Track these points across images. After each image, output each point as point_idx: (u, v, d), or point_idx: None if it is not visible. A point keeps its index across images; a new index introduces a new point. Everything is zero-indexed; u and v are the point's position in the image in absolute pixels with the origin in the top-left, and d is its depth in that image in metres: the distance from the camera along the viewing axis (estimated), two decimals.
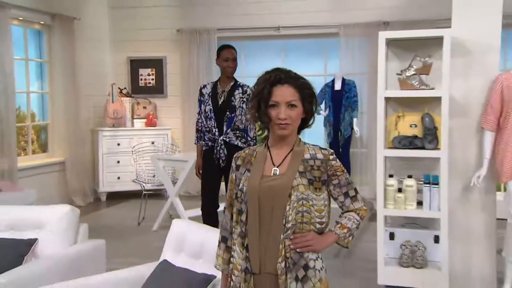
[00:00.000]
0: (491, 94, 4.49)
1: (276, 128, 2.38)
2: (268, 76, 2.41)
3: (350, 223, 2.52)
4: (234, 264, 2.42)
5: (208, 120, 5.57)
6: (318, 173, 2.43)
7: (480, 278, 4.81)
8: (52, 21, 8.85)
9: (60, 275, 3.58)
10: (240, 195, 2.43)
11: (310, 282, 2.38)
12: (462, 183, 4.76)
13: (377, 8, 8.94)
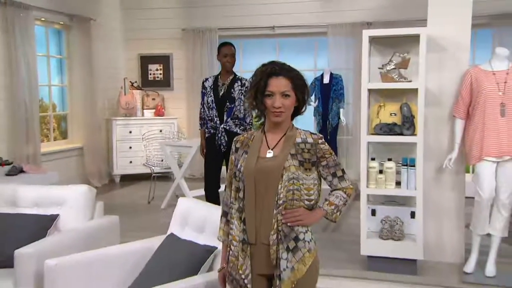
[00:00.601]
0: (462, 86, 4.52)
1: (271, 115, 2.41)
2: (265, 68, 2.43)
3: (338, 200, 2.53)
4: (232, 235, 2.45)
5: (210, 110, 5.60)
6: (308, 155, 2.45)
7: (450, 248, 4.87)
8: (70, 22, 8.83)
9: (79, 246, 3.59)
10: (238, 174, 2.45)
11: (300, 252, 2.40)
12: (435, 165, 4.80)
13: (361, 9, 8.93)
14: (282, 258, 2.37)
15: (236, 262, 2.40)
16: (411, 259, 4.60)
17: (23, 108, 7.63)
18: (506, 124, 4.28)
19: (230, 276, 2.45)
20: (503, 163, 4.34)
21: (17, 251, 3.43)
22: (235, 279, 2.42)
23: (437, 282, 4.50)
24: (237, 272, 2.40)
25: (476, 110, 4.40)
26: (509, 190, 4.36)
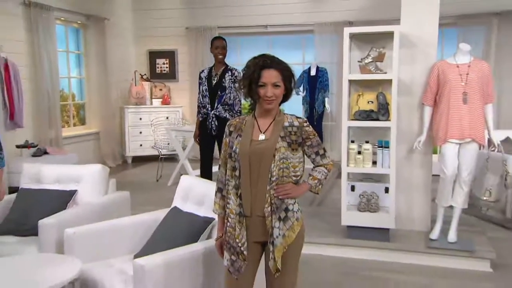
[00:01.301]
0: (430, 77, 4.52)
1: (264, 103, 2.42)
2: (257, 61, 2.43)
3: (320, 175, 2.57)
4: (230, 209, 2.45)
5: (203, 98, 5.60)
6: (295, 137, 2.46)
7: (418, 219, 4.91)
8: (87, 21, 8.80)
9: (94, 218, 3.62)
10: (233, 155, 2.45)
11: (290, 221, 2.44)
12: (406, 147, 4.80)
13: (344, 10, 8.90)
14: (275, 227, 2.40)
15: (233, 232, 2.41)
16: (384, 228, 4.61)
17: (46, 97, 7.65)
18: (468, 110, 4.30)
19: (228, 244, 2.45)
20: (464, 144, 4.36)
21: (41, 222, 3.46)
22: (232, 247, 2.42)
23: (407, 247, 4.54)
24: (234, 240, 2.40)
25: (442, 98, 4.41)
26: (469, 168, 4.39)
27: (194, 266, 2.81)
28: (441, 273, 4.29)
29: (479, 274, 4.28)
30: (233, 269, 2.43)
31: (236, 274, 2.44)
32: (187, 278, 2.79)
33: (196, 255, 2.82)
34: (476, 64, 4.38)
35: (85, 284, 3.01)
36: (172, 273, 2.73)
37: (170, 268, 2.73)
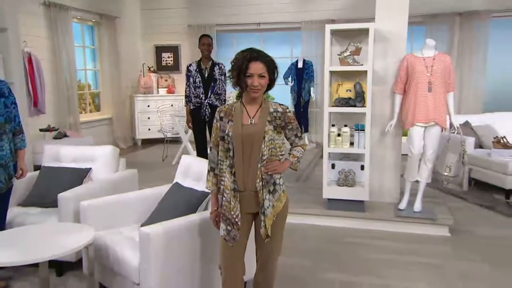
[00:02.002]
0: (400, 68, 4.50)
1: (251, 92, 2.41)
2: (245, 54, 2.42)
3: (298, 153, 2.61)
4: (225, 185, 2.44)
5: (197, 89, 5.56)
6: (279, 121, 2.49)
7: (388, 192, 4.94)
8: (100, 19, 8.70)
9: (106, 192, 3.61)
10: (226, 138, 2.43)
11: (277, 193, 2.48)
12: (379, 130, 4.80)
13: (327, 10, 8.84)
14: (266, 199, 2.44)
15: (229, 205, 2.41)
16: (360, 200, 4.65)
17: (65, 87, 7.63)
18: (432, 98, 4.30)
19: (224, 217, 2.45)
20: (429, 127, 4.37)
21: (60, 195, 3.47)
22: (228, 219, 2.42)
23: (379, 216, 4.57)
24: (230, 213, 2.41)
25: (410, 87, 4.40)
26: (433, 148, 4.41)
27: (192, 234, 2.82)
28: (408, 238, 4.33)
29: (439, 238, 4.35)
30: (229, 237, 2.44)
31: (231, 242, 2.45)
32: (186, 243, 2.80)
33: (194, 224, 2.83)
34: (440, 57, 4.38)
35: (98, 249, 3.03)
36: (173, 239, 2.74)
37: (171, 235, 2.74)
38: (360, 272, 3.62)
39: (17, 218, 3.54)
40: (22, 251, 2.56)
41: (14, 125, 3.32)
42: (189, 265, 2.82)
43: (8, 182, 3.25)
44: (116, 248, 2.91)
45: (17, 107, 3.38)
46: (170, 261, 2.73)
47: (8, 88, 3.31)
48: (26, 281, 3.50)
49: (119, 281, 2.95)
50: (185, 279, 2.83)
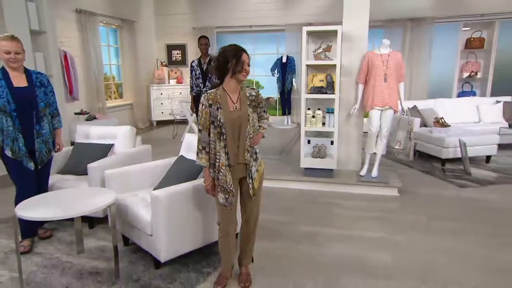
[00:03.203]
0: (362, 63, 4.46)
1: (241, 75, 2.37)
2: (238, 47, 2.39)
3: (265, 125, 2.59)
4: (221, 163, 2.39)
5: (197, 79, 5.51)
6: (254, 103, 2.48)
7: (352, 162, 4.94)
8: (122, 23, 8.54)
9: (126, 163, 3.59)
10: (217, 123, 2.36)
11: (258, 160, 2.52)
12: (346, 112, 4.77)
13: (306, 15, 8.74)
14: (253, 166, 2.47)
15: (225, 178, 2.39)
16: (329, 168, 4.66)
17: (94, 79, 7.52)
18: (387, 87, 4.28)
19: (222, 188, 2.42)
20: (384, 110, 4.35)
21: (89, 165, 3.46)
22: (225, 188, 2.41)
23: (344, 181, 4.59)
24: (226, 184, 2.40)
25: (370, 78, 4.37)
26: (387, 127, 4.40)
27: (192, 196, 2.81)
28: (366, 197, 4.37)
29: (390, 197, 4.39)
30: (228, 203, 2.44)
31: (230, 207, 2.46)
32: (187, 203, 2.80)
33: (194, 189, 2.82)
34: (394, 54, 4.34)
35: (119, 208, 3.03)
36: (177, 200, 2.74)
37: (176, 197, 2.73)
38: (328, 225, 3.65)
39: (57, 183, 3.54)
40: (61, 209, 2.55)
41: (52, 109, 3.26)
42: (190, 220, 2.83)
43: (48, 154, 3.23)
44: (133, 207, 2.91)
45: (55, 95, 3.33)
46: (175, 217, 2.73)
47: (47, 80, 3.25)
48: (66, 231, 3.53)
49: (136, 232, 2.96)
50: (187, 231, 2.84)
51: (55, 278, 2.79)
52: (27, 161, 3.09)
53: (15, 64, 2.98)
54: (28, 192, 3.02)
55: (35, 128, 3.11)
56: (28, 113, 3.05)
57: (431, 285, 2.66)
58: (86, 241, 3.31)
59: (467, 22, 7.95)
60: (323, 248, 3.18)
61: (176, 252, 2.81)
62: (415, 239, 3.36)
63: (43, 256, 3.10)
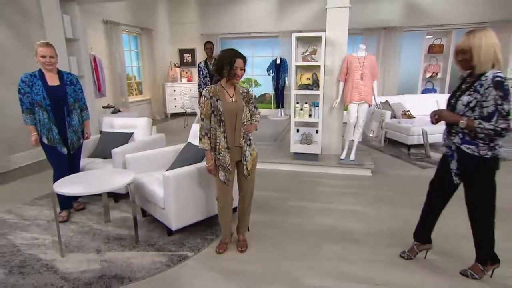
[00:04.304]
0: (343, 64, 4.38)
1: (234, 79, 2.34)
2: (232, 52, 2.32)
3: (258, 118, 2.53)
4: (221, 146, 2.37)
5: (205, 78, 5.36)
6: (246, 98, 2.44)
7: (334, 147, 4.88)
8: (141, 31, 8.37)
9: (143, 148, 3.56)
10: (217, 112, 2.33)
11: (252, 145, 2.48)
12: (328, 106, 4.70)
13: (296, 23, 8.53)
14: (246, 150, 2.44)
15: (225, 159, 2.39)
16: (315, 153, 4.61)
17: (118, 78, 7.40)
18: (363, 84, 4.21)
19: (222, 167, 2.41)
20: (361, 104, 4.29)
21: (113, 150, 3.42)
22: (225, 167, 2.40)
23: (327, 164, 4.55)
24: (226, 163, 2.39)
25: (348, 77, 4.30)
26: (363, 118, 4.35)
27: (197, 176, 2.78)
28: (345, 177, 4.34)
29: (365, 177, 4.35)
30: (226, 180, 2.44)
31: (228, 183, 2.45)
32: (193, 182, 2.77)
33: (199, 170, 2.79)
34: (369, 57, 4.25)
35: (137, 185, 3.01)
36: (184, 179, 2.71)
37: (183, 177, 2.71)
38: (313, 200, 3.63)
39: (87, 165, 3.51)
40: (90, 186, 2.55)
41: (81, 104, 3.22)
42: (195, 196, 2.80)
43: (78, 142, 3.21)
44: (149, 185, 2.88)
45: (83, 92, 3.27)
46: (182, 193, 2.72)
47: (76, 79, 3.19)
48: (95, 205, 3.51)
49: (151, 206, 2.94)
50: (193, 205, 2.82)
51: (87, 242, 2.80)
52: (60, 147, 3.07)
53: (50, 67, 2.96)
54: (63, 173, 3.03)
55: (66, 120, 3.08)
56: (60, 107, 3.03)
57: (395, 247, 2.66)
58: (112, 213, 3.31)
59: (430, 31, 7.92)
60: (308, 219, 3.17)
61: (185, 222, 2.80)
62: (383, 210, 3.35)
63: (77, 224, 3.11)
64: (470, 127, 1.98)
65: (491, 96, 1.90)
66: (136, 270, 2.44)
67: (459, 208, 2.33)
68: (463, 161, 2.10)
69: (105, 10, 7.03)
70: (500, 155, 2.01)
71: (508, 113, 1.88)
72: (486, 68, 1.96)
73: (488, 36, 1.93)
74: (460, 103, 2.04)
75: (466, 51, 1.98)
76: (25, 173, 4.59)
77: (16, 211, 3.42)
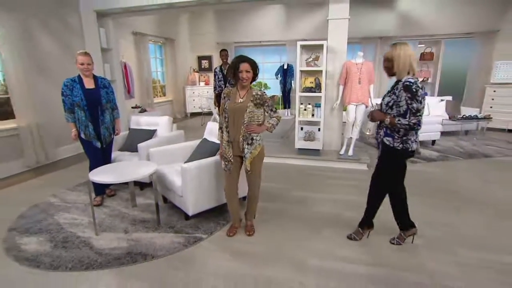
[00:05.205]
0: (342, 69, 4.30)
1: (242, 81, 2.33)
2: (238, 59, 2.32)
3: (273, 121, 2.47)
4: (224, 138, 2.41)
5: (220, 82, 5.35)
6: (259, 101, 2.38)
7: (334, 144, 4.81)
8: (165, 41, 8.38)
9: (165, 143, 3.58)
10: (226, 110, 2.37)
11: (254, 145, 2.41)
12: (329, 106, 4.63)
13: (301, 33, 8.39)
14: (245, 148, 2.39)
15: (226, 150, 2.40)
16: (317, 149, 4.56)
17: (145, 82, 7.44)
18: (360, 88, 4.14)
19: (223, 157, 2.43)
20: (359, 105, 4.22)
21: (139, 145, 3.45)
22: (226, 158, 2.41)
23: (328, 158, 4.48)
24: (227, 154, 2.40)
25: (348, 81, 4.22)
26: (360, 118, 4.28)
27: (211, 168, 2.79)
28: (343, 170, 4.28)
29: (361, 170, 4.28)
30: (227, 168, 2.45)
31: (228, 172, 2.46)
32: (208, 173, 2.78)
33: (213, 163, 2.79)
34: (366, 63, 4.17)
35: (159, 175, 3.03)
36: (201, 171, 2.72)
37: (199, 169, 2.71)
38: (314, 190, 3.60)
39: (117, 157, 3.55)
40: (120, 175, 2.58)
41: (112, 105, 3.27)
42: (209, 185, 2.81)
43: (109, 137, 3.26)
44: (169, 175, 2.90)
45: (114, 94, 3.31)
46: (198, 183, 2.72)
47: (109, 83, 3.25)
48: (124, 192, 3.56)
49: (171, 193, 2.97)
50: (207, 193, 2.82)
51: (117, 223, 2.85)
52: (95, 141, 3.13)
53: (87, 72, 3.03)
54: (97, 164, 3.10)
55: (100, 118, 3.14)
56: (95, 107, 3.09)
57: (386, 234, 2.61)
58: (138, 199, 3.35)
59: (421, 40, 7.74)
60: (310, 208, 3.14)
61: (200, 208, 2.81)
62: None
63: (109, 208, 3.17)
64: (392, 124, 2.16)
65: (403, 97, 2.10)
66: (157, 249, 2.47)
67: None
68: (383, 149, 2.29)
69: (134, 23, 7.09)
70: (411, 147, 2.19)
71: (417, 110, 2.06)
72: (404, 74, 2.14)
73: (406, 49, 2.12)
74: (383, 103, 2.24)
75: (390, 59, 2.16)
76: (67, 163, 4.71)
77: (60, 195, 3.52)
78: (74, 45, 5.13)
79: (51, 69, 4.82)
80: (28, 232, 2.74)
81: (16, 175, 4.19)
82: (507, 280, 2.11)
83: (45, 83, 4.72)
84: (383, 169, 2.35)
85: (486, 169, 4.16)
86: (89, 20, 5.06)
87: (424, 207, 3.13)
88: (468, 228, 2.73)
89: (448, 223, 2.80)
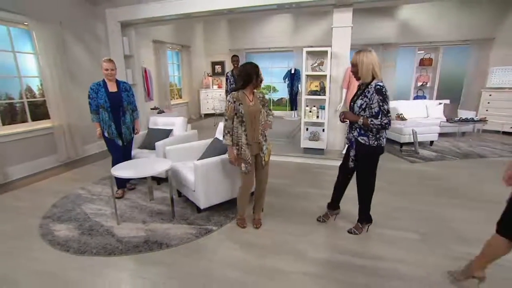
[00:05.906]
0: (345, 74, 4.25)
1: (259, 85, 2.35)
2: (255, 65, 2.32)
3: (272, 119, 2.48)
4: (242, 142, 2.36)
5: (231, 85, 5.27)
6: (262, 102, 2.40)
7: (337, 144, 4.74)
8: (182, 48, 8.41)
9: (180, 142, 3.60)
10: (239, 114, 2.32)
11: (267, 140, 2.44)
12: (333, 109, 4.56)
13: (307, 40, 8.28)
14: (264, 144, 2.41)
15: (245, 153, 2.37)
16: (321, 148, 4.50)
17: (163, 85, 7.47)
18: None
19: (243, 160, 2.39)
20: None
21: (156, 143, 3.45)
22: (245, 160, 2.39)
23: (331, 157, 4.43)
24: (246, 157, 2.37)
25: (350, 85, 4.19)
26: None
27: (221, 165, 2.78)
28: None
29: None
30: (247, 170, 2.42)
31: (248, 173, 2.43)
32: (218, 170, 2.77)
33: (223, 161, 2.78)
34: None
35: (174, 171, 3.04)
36: (212, 168, 2.72)
37: (211, 166, 2.71)
38: (318, 187, 3.56)
39: (137, 154, 3.57)
40: (139, 171, 2.60)
41: (132, 106, 3.30)
42: (219, 181, 2.80)
43: (130, 136, 3.29)
44: (183, 172, 2.91)
45: (134, 97, 3.35)
46: (209, 179, 2.72)
47: (130, 86, 3.28)
48: (143, 186, 3.58)
49: (185, 188, 2.97)
50: (218, 189, 2.82)
51: (136, 215, 2.88)
52: (117, 139, 3.17)
53: (111, 77, 3.08)
54: (119, 160, 3.14)
55: (121, 119, 3.17)
56: (117, 109, 3.12)
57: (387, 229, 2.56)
58: (155, 193, 3.37)
59: (421, 47, 7.58)
60: (312, 203, 3.11)
61: (211, 202, 2.81)
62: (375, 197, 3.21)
63: (129, 201, 3.20)
64: (365, 124, 2.21)
65: (375, 99, 2.15)
66: (172, 239, 2.49)
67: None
68: (359, 149, 2.33)
69: (154, 32, 7.15)
70: (383, 143, 2.29)
71: (388, 111, 2.13)
72: (368, 79, 2.20)
73: (369, 56, 2.18)
74: (355, 106, 2.27)
75: (354, 65, 2.23)
76: (93, 159, 4.80)
77: (87, 188, 3.59)
78: (101, 53, 5.25)
79: (80, 74, 4.96)
80: (60, 220, 2.82)
81: (50, 169, 4.32)
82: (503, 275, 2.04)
83: (75, 87, 4.84)
84: (360, 165, 2.38)
85: (481, 169, 4.04)
86: (114, 30, 5.15)
87: (422, 205, 3.06)
88: (462, 223, 2.65)
89: (445, 219, 2.73)
